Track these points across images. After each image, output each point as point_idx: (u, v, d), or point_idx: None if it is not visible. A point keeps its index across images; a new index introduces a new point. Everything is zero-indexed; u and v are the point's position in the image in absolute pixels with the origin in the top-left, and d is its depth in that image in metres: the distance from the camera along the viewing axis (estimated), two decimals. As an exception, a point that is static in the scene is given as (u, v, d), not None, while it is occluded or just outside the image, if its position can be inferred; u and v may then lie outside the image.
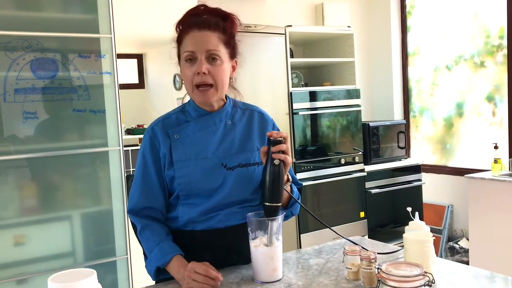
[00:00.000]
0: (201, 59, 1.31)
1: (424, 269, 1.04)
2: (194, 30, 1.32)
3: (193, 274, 1.23)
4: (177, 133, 1.39)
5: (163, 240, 1.35)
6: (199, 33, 1.32)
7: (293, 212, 1.47)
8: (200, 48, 1.31)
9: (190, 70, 1.33)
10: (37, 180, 2.32)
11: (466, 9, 3.98)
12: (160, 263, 1.31)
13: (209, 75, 1.32)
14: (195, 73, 1.32)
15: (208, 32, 1.32)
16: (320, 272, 1.33)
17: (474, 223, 3.37)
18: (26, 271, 2.28)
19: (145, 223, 1.38)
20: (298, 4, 4.25)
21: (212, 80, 1.33)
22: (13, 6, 2.26)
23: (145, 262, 1.39)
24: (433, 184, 4.25)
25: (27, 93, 2.24)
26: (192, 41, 1.32)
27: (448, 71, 4.17)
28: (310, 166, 3.62)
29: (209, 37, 1.32)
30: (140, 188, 1.40)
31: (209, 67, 1.32)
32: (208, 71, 1.31)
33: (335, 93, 3.76)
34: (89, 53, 2.39)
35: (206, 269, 1.23)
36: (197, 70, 1.31)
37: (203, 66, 1.31)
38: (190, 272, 1.23)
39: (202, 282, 1.21)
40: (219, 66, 1.34)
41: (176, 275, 1.30)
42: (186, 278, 1.24)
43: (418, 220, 1.27)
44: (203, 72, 1.30)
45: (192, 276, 1.23)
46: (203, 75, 1.31)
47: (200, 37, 1.32)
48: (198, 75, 1.31)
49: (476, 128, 3.99)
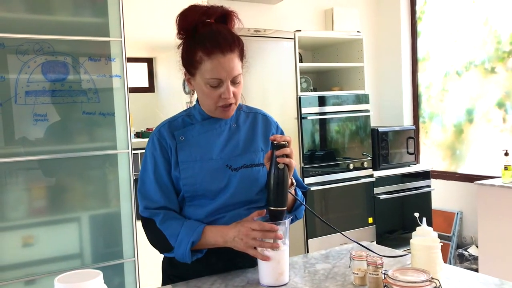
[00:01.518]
0: (228, 85, 1.32)
1: (431, 275, 1.04)
2: (218, 55, 1.28)
3: (250, 232, 1.24)
4: (183, 135, 1.40)
5: (186, 221, 1.35)
6: (223, 59, 1.29)
7: (298, 216, 1.46)
8: (228, 75, 1.31)
9: (214, 93, 1.33)
10: (47, 181, 2.33)
11: (476, 15, 3.96)
12: (194, 237, 1.30)
13: (233, 97, 1.34)
14: (220, 97, 1.33)
15: (231, 55, 1.30)
16: (326, 277, 1.32)
17: (484, 230, 3.34)
18: (34, 272, 2.29)
19: (165, 213, 1.36)
20: (307, 9, 4.26)
21: (234, 100, 1.36)
22: (24, 9, 2.29)
23: (173, 251, 1.33)
24: (443, 190, 4.22)
25: (37, 96, 2.26)
26: (217, 68, 1.29)
27: (458, 77, 4.15)
28: (319, 171, 3.61)
29: (233, 62, 1.31)
30: (156, 188, 1.39)
31: (233, 90, 1.33)
32: (233, 93, 1.34)
33: (344, 98, 3.76)
34: (100, 57, 2.41)
35: (259, 222, 1.25)
36: (224, 96, 1.32)
37: (230, 92, 1.32)
38: (247, 230, 1.25)
39: (262, 237, 1.24)
40: (239, 85, 1.36)
41: (220, 239, 1.30)
42: (244, 238, 1.25)
43: (425, 226, 1.26)
44: (230, 97, 1.33)
45: (251, 234, 1.24)
46: (230, 99, 1.33)
47: (226, 63, 1.29)
48: (224, 99, 1.33)
49: (486, 135, 3.96)
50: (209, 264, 1.38)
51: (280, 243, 1.27)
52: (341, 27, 4.24)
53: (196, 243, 1.31)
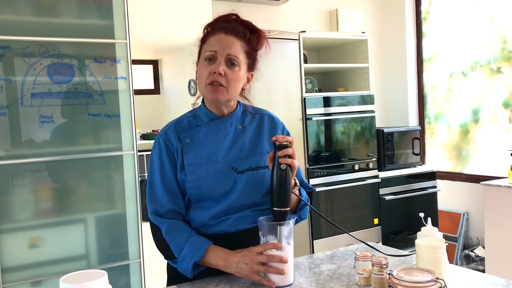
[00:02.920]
0: (221, 60, 1.34)
1: (436, 275, 1.03)
2: (221, 33, 1.36)
3: (256, 256, 1.23)
4: (188, 137, 1.41)
5: (191, 236, 1.34)
6: (225, 37, 1.35)
7: (302, 217, 1.46)
8: (223, 50, 1.34)
9: (207, 68, 1.35)
10: (53, 183, 2.35)
11: (482, 15, 3.95)
12: (197, 257, 1.30)
13: (224, 77, 1.34)
14: (211, 72, 1.34)
15: (234, 38, 1.36)
16: (331, 277, 1.32)
17: (490, 231, 3.32)
18: (41, 273, 2.31)
19: (170, 223, 1.37)
20: (312, 9, 4.26)
21: (226, 83, 1.35)
22: (30, 12, 2.31)
23: (175, 262, 1.35)
24: (449, 191, 4.20)
25: (43, 98, 2.28)
26: (216, 42, 1.35)
27: (463, 77, 4.13)
28: (324, 172, 3.61)
29: (233, 43, 1.35)
30: (163, 191, 1.39)
31: (226, 70, 1.34)
32: (224, 72, 1.34)
33: (349, 98, 3.75)
34: (105, 59, 2.42)
35: (263, 244, 1.25)
36: (214, 70, 1.33)
37: (220, 67, 1.33)
38: (252, 255, 1.24)
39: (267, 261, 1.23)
40: (236, 72, 1.36)
41: (221, 262, 1.29)
42: (249, 262, 1.24)
43: (430, 226, 1.25)
44: (219, 72, 1.33)
45: (256, 259, 1.23)
46: (218, 75, 1.33)
47: (225, 40, 1.35)
48: (214, 74, 1.33)
49: (492, 135, 3.94)
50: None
51: (285, 243, 1.27)
52: (345, 28, 4.23)
53: (198, 261, 1.32)
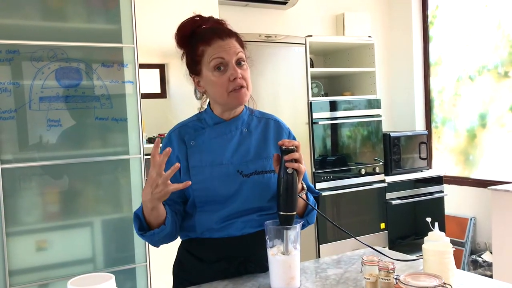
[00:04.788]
0: (233, 65, 1.34)
1: (443, 280, 1.03)
2: (216, 40, 1.35)
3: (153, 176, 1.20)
4: (193, 140, 1.41)
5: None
6: (223, 42, 1.35)
7: (309, 221, 1.46)
8: (230, 55, 1.34)
9: (222, 78, 1.34)
10: (60, 186, 2.36)
11: (489, 19, 3.93)
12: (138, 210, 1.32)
13: (242, 78, 1.35)
14: (229, 79, 1.33)
15: (230, 39, 1.36)
16: (338, 282, 1.32)
17: (498, 236, 3.29)
18: (47, 276, 2.32)
19: None
20: (318, 14, 4.26)
21: (245, 83, 1.36)
22: (39, 17, 2.33)
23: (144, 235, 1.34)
24: (456, 196, 4.18)
25: (51, 101, 2.29)
26: (218, 50, 1.34)
27: (471, 82, 4.12)
28: (330, 176, 3.60)
29: (233, 43, 1.36)
30: None
31: (241, 71, 1.35)
32: (241, 75, 1.35)
33: (356, 103, 3.75)
34: (112, 63, 2.44)
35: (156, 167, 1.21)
36: (232, 76, 1.33)
37: (238, 72, 1.34)
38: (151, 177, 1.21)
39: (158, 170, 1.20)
40: (247, 70, 1.38)
41: (144, 198, 1.25)
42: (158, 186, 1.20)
43: (437, 231, 1.25)
44: (239, 77, 1.33)
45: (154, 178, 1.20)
46: (239, 79, 1.33)
47: (226, 44, 1.35)
48: (234, 80, 1.33)
49: (500, 139, 3.92)
50: (220, 270, 1.38)
51: (291, 247, 1.26)
52: (352, 32, 4.23)
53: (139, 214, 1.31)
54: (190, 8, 3.09)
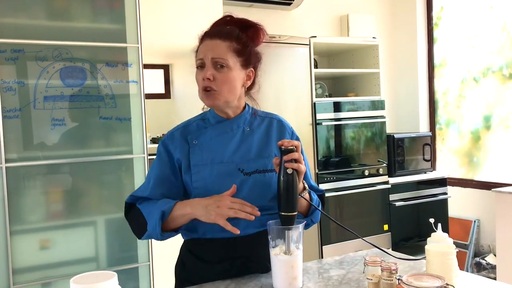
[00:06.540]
0: (208, 65, 1.36)
1: (446, 281, 1.03)
2: (206, 39, 1.38)
3: (229, 202, 1.24)
4: (196, 139, 1.42)
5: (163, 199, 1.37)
6: (209, 42, 1.37)
7: (314, 220, 1.45)
8: (207, 55, 1.36)
9: (199, 76, 1.38)
10: (63, 185, 2.37)
11: (494, 20, 3.92)
12: (165, 208, 1.31)
13: (214, 81, 1.35)
14: (203, 79, 1.36)
15: (218, 41, 1.36)
16: (340, 282, 1.31)
17: (502, 239, 3.28)
18: (51, 274, 2.32)
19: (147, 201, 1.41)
20: (323, 15, 4.26)
21: (216, 87, 1.36)
22: (44, 16, 2.34)
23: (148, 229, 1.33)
24: (459, 198, 4.16)
25: (56, 101, 2.30)
26: (202, 49, 1.38)
27: (475, 83, 4.11)
28: (333, 177, 3.60)
29: (217, 45, 1.36)
30: (153, 181, 1.42)
31: (214, 73, 1.36)
32: (213, 77, 1.35)
33: (360, 104, 3.74)
34: (117, 63, 2.44)
35: (241, 200, 1.26)
36: (203, 76, 1.36)
37: (207, 72, 1.35)
38: (225, 200, 1.25)
39: (240, 208, 1.24)
40: (225, 74, 1.36)
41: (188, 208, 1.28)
42: (221, 207, 1.23)
43: (441, 232, 1.24)
44: (207, 77, 1.35)
45: (229, 204, 1.24)
46: (207, 80, 1.35)
47: (209, 45, 1.37)
48: (204, 80, 1.36)
49: (504, 141, 3.90)
50: (222, 270, 1.38)
51: (294, 248, 1.26)
52: (356, 33, 4.23)
53: (167, 215, 1.31)
54: (195, 9, 3.11)
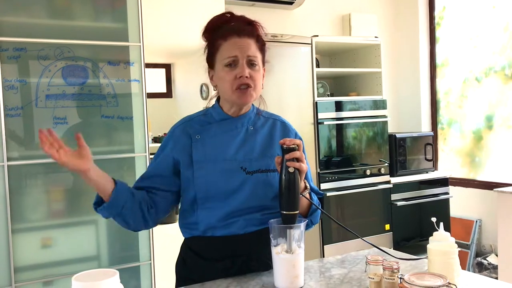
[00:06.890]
0: (243, 63, 1.35)
1: (448, 280, 1.02)
2: (234, 37, 1.37)
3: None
4: (199, 134, 1.42)
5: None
6: (239, 40, 1.37)
7: (313, 221, 1.45)
8: (242, 53, 1.36)
9: (230, 74, 1.36)
10: (65, 184, 2.37)
11: (496, 20, 3.92)
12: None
13: (250, 79, 1.36)
14: (236, 77, 1.35)
15: (248, 39, 1.38)
16: (342, 281, 1.31)
17: (504, 239, 3.27)
18: (52, 273, 2.32)
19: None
20: (325, 14, 4.26)
21: (252, 83, 1.37)
22: (46, 15, 2.34)
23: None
24: (461, 197, 4.16)
25: (57, 99, 2.30)
26: (233, 47, 1.36)
27: (477, 83, 4.10)
28: (335, 177, 3.60)
29: (249, 43, 1.37)
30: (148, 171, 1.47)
31: (250, 71, 1.36)
32: (249, 75, 1.36)
33: (361, 103, 3.74)
34: (119, 61, 2.45)
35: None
36: (239, 74, 1.35)
37: (246, 70, 1.35)
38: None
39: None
40: (258, 72, 1.39)
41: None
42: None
43: (442, 231, 1.24)
44: (246, 75, 1.35)
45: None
46: (245, 78, 1.35)
47: (241, 43, 1.36)
48: (240, 78, 1.35)
49: (506, 141, 3.90)
50: (223, 268, 1.38)
51: (295, 246, 1.26)
52: (358, 33, 4.22)
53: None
54: (197, 8, 3.11)
